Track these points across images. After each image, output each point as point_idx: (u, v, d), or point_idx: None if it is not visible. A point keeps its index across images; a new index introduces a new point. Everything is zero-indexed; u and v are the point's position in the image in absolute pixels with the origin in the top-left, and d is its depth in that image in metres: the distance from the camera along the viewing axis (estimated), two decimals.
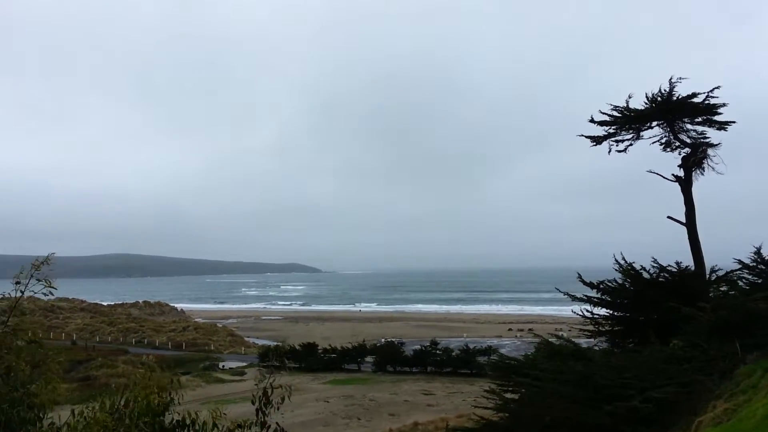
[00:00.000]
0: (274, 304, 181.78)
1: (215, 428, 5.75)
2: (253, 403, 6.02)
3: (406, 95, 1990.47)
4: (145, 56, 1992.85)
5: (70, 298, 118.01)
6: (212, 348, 74.02)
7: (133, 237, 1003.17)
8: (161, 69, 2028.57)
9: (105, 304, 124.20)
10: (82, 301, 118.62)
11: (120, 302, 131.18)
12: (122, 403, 5.78)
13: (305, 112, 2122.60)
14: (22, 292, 5.61)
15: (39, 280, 5.67)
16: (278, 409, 6.01)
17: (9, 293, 5.70)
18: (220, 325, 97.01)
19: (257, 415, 5.91)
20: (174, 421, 5.87)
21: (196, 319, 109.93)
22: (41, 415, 5.45)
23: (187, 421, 5.87)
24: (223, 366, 60.00)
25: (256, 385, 6.11)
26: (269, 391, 6.02)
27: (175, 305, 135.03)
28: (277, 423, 5.92)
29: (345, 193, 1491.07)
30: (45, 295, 5.70)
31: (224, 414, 5.89)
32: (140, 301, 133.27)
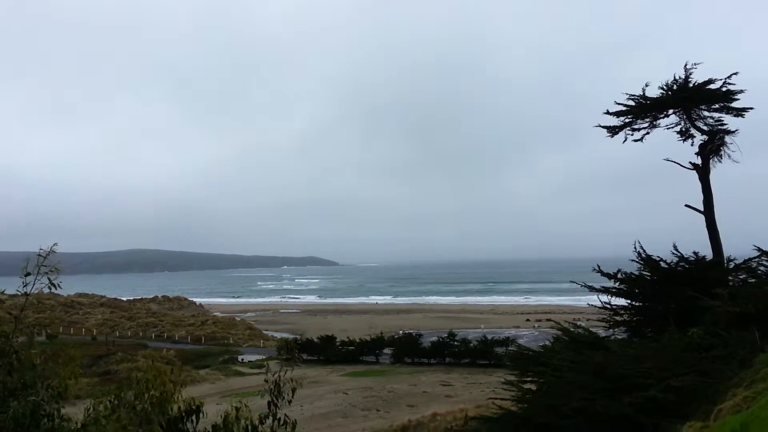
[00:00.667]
0: (292, 298, 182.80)
1: (238, 421, 5.84)
2: (262, 397, 6.07)
3: (435, 84, 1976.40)
4: (175, 53, 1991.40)
5: (90, 293, 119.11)
6: (231, 341, 74.51)
7: (152, 232, 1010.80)
8: (191, 65, 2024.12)
9: (124, 299, 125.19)
10: (102, 297, 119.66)
11: (139, 297, 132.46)
12: (132, 397, 5.87)
13: (331, 104, 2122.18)
14: (28, 290, 5.63)
15: (46, 273, 5.67)
16: (290, 402, 6.06)
17: (18, 289, 5.72)
18: (238, 319, 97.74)
19: (269, 407, 5.97)
20: (179, 409, 5.95)
21: (214, 313, 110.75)
22: (59, 408, 5.53)
23: (192, 406, 5.95)
24: (242, 359, 60.42)
25: (265, 380, 6.16)
26: (280, 383, 6.07)
27: (194, 299, 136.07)
28: (285, 415, 5.97)
29: (367, 187, 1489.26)
30: (50, 289, 5.71)
31: (247, 406, 5.97)
32: (159, 295, 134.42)
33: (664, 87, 23.60)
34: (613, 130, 25.10)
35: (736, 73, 22.50)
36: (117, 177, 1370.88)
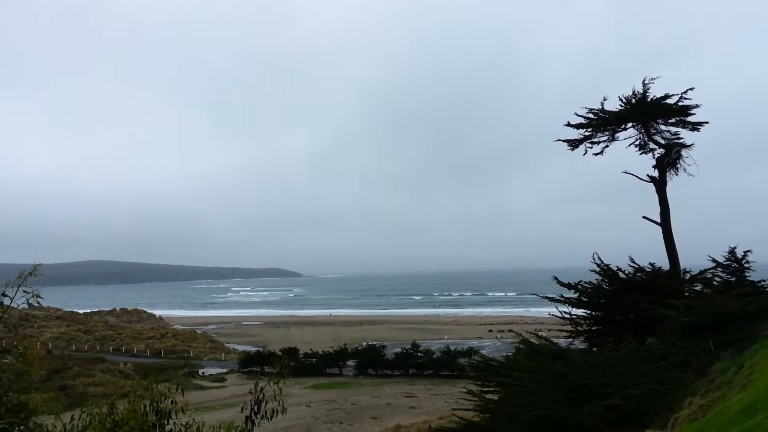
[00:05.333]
0: (254, 309, 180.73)
1: None
2: (243, 411, 5.96)
3: (462, 94, 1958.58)
4: (207, 55, 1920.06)
5: (45, 306, 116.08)
6: (192, 355, 73.36)
7: (116, 243, 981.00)
8: (223, 70, 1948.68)
9: (81, 312, 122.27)
10: (58, 309, 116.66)
11: (96, 310, 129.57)
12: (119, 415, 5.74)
13: (355, 113, 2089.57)
14: (5, 305, 5.46)
15: (26, 292, 5.50)
16: (270, 419, 5.97)
17: None
18: (199, 332, 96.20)
19: (246, 423, 5.86)
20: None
21: (174, 326, 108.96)
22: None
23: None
24: (203, 373, 59.55)
25: (250, 391, 6.04)
26: (262, 399, 5.97)
27: (154, 312, 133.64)
28: None
29: (368, 197, 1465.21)
30: (30, 305, 5.55)
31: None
32: (117, 308, 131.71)
33: (623, 101, 24.09)
34: (573, 144, 25.49)
35: (692, 89, 23.10)
36: (104, 186, 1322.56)
